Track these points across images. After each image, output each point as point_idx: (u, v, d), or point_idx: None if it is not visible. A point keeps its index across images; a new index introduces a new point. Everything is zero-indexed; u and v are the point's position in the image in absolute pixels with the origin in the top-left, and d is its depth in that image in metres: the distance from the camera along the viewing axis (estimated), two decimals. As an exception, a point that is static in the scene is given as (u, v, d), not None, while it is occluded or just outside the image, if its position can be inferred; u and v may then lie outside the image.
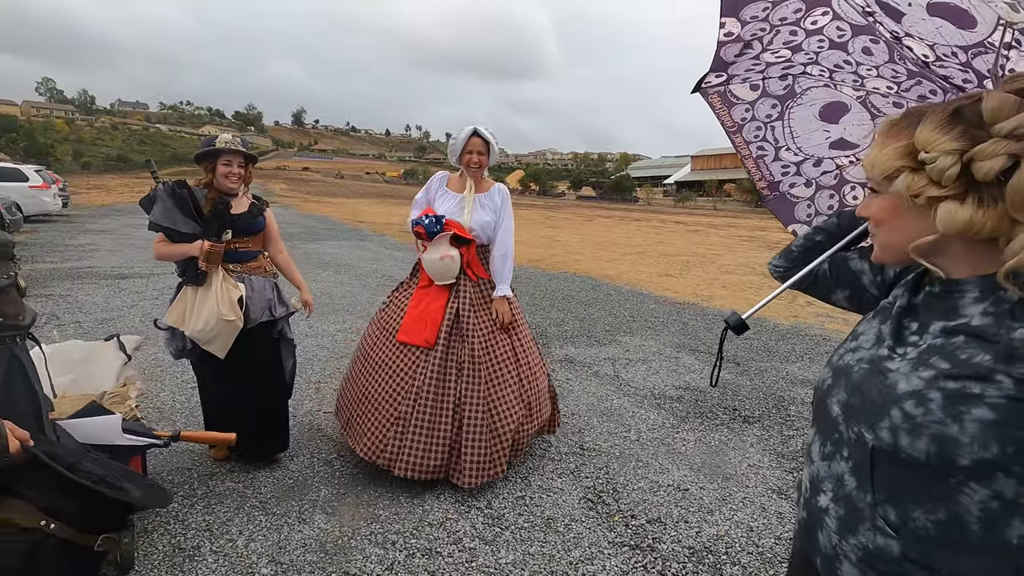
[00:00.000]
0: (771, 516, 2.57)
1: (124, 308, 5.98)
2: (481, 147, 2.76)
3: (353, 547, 2.25)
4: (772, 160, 1.51)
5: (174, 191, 2.62)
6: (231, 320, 2.56)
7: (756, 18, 1.30)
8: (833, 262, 1.14)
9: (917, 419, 0.72)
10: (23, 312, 1.13)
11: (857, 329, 0.93)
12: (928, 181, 0.73)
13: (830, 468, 0.86)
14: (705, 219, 31.69)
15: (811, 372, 4.76)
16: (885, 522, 0.77)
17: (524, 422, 2.73)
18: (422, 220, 2.71)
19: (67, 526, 0.98)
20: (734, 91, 1.42)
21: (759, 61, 1.34)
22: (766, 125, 1.46)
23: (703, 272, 10.65)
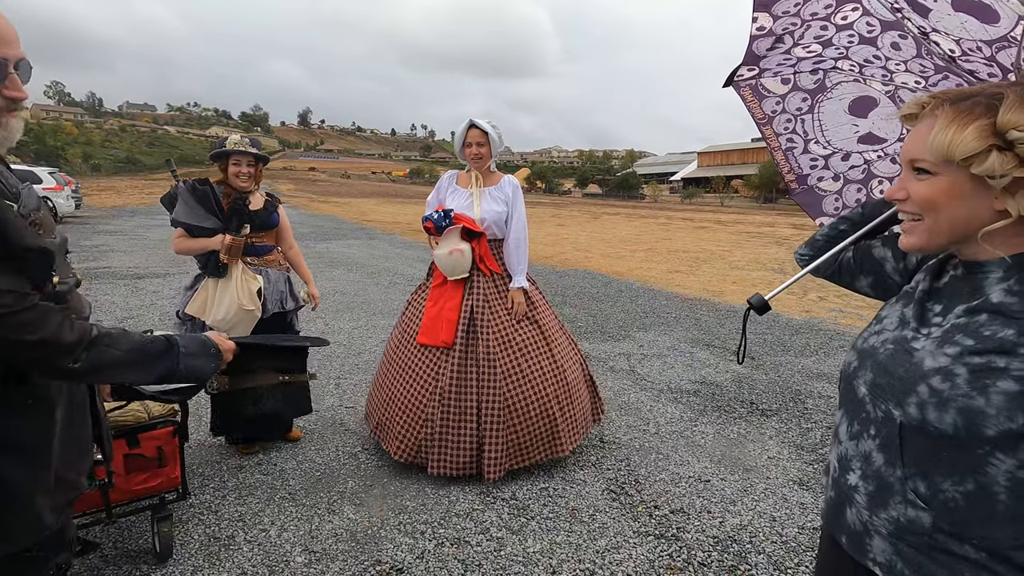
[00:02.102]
0: (793, 506, 2.60)
1: (142, 307, 6.06)
2: (480, 138, 2.77)
3: (383, 536, 2.29)
4: (801, 152, 1.53)
5: (195, 188, 2.71)
6: (250, 310, 2.69)
7: (788, 13, 1.32)
8: (857, 250, 1.16)
9: (944, 393, 0.74)
10: (86, 308, 1.22)
11: (881, 313, 0.95)
12: (1017, 162, 0.73)
13: (858, 447, 0.88)
14: (712, 215, 31.58)
15: (827, 366, 4.77)
16: (916, 495, 0.79)
17: (557, 413, 2.71)
18: (431, 215, 2.75)
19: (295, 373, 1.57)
20: (765, 84, 1.45)
21: (790, 56, 1.36)
22: (796, 118, 1.48)
23: (713, 268, 10.64)
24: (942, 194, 0.80)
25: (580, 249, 13.18)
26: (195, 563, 2.10)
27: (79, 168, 55.49)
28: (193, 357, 1.20)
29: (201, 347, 1.23)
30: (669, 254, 12.81)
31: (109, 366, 1.05)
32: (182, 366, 1.17)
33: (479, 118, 2.82)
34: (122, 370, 1.08)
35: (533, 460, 2.70)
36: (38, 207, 1.07)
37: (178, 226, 2.69)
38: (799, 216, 32.00)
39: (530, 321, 2.81)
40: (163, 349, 1.15)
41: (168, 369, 1.15)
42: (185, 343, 1.20)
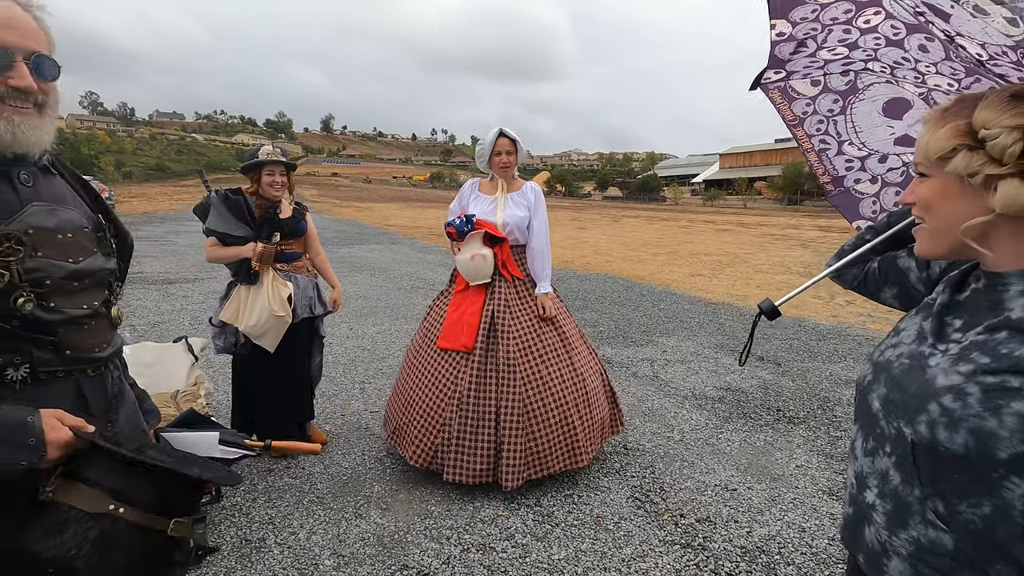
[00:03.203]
0: (823, 517, 2.55)
1: (174, 312, 6.22)
2: (509, 147, 2.83)
3: (409, 541, 2.32)
4: (835, 154, 1.51)
5: (227, 198, 2.79)
6: (281, 316, 2.76)
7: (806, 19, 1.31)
8: (883, 260, 1.14)
9: (955, 413, 0.71)
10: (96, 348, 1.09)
11: (899, 325, 0.93)
12: (987, 159, 0.73)
13: (874, 464, 0.86)
14: (735, 218, 31.15)
15: (855, 373, 4.67)
16: (936, 515, 0.76)
17: (576, 421, 2.71)
18: (453, 221, 2.78)
19: (137, 509, 0.94)
20: (795, 86, 1.43)
21: (816, 58, 1.35)
22: (828, 119, 1.46)
23: (736, 272, 10.50)
24: (935, 195, 0.80)
25: (601, 253, 13.13)
26: (228, 564, 2.15)
27: (112, 175, 57.31)
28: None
29: (10, 432, 0.87)
30: (691, 257, 12.68)
31: None
32: None
33: (498, 124, 2.87)
34: None
35: (552, 470, 2.67)
36: (56, 229, 0.98)
37: (211, 235, 2.77)
38: (825, 218, 31.39)
39: (551, 327, 2.81)
40: None
41: None
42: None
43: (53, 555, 0.89)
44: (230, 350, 2.85)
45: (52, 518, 0.90)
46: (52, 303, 0.96)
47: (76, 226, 1.02)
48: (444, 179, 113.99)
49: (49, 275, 0.95)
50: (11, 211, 0.93)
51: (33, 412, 0.90)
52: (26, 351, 0.94)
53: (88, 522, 0.90)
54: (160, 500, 0.96)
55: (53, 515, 0.90)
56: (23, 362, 0.94)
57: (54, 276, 0.96)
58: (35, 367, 0.95)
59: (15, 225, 0.92)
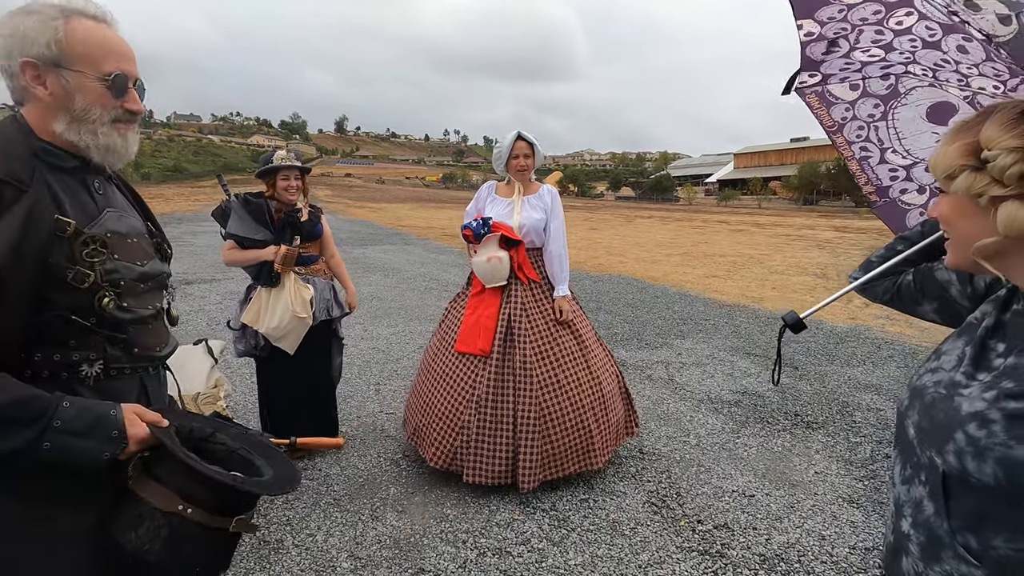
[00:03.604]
0: (843, 525, 2.52)
1: (191, 312, 6.30)
2: (527, 150, 2.84)
3: (425, 545, 2.33)
4: (878, 163, 1.46)
5: (247, 201, 2.83)
6: (303, 318, 2.79)
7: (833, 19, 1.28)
8: (918, 272, 1.09)
9: (981, 442, 0.68)
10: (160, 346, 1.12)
11: (941, 347, 0.88)
12: (990, 180, 0.71)
13: (910, 492, 0.83)
14: (750, 218, 30.84)
15: (875, 377, 4.60)
16: (966, 550, 0.73)
17: (592, 424, 2.71)
18: (470, 223, 2.78)
19: (203, 510, 0.98)
20: (832, 91, 1.40)
21: (852, 60, 1.32)
22: (869, 125, 1.41)
23: (751, 273, 10.39)
24: (951, 211, 0.78)
25: (614, 254, 13.08)
26: (247, 566, 2.17)
27: (131, 177, 58.13)
28: (73, 436, 0.88)
29: (94, 425, 0.90)
30: (705, 258, 12.57)
31: None
32: (47, 444, 0.85)
33: (510, 124, 2.89)
34: None
35: (567, 472, 2.68)
36: (127, 234, 1.05)
37: (230, 238, 2.80)
38: (841, 218, 30.99)
39: (568, 330, 2.81)
40: (22, 417, 0.85)
41: (18, 445, 0.84)
42: (71, 415, 0.88)
43: (132, 548, 0.96)
44: (250, 353, 2.88)
45: (132, 511, 0.97)
46: (125, 303, 1.02)
47: (139, 232, 1.10)
48: (457, 179, 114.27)
49: (123, 277, 1.02)
50: (92, 216, 1.00)
51: (115, 406, 0.95)
52: (101, 348, 1.00)
53: (160, 519, 0.96)
54: (223, 501, 1.01)
55: (133, 508, 0.97)
56: (97, 358, 0.99)
57: (127, 278, 1.02)
58: (108, 364, 1.01)
59: (97, 229, 0.98)
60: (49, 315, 0.93)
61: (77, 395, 0.95)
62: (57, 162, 0.98)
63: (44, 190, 0.93)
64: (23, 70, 0.94)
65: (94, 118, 0.99)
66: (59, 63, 0.95)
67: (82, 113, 0.98)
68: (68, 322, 0.95)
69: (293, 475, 1.11)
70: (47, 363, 0.95)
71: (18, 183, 0.90)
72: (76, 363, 0.97)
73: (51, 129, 0.98)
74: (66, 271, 0.93)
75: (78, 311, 0.95)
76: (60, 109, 0.97)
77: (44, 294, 0.92)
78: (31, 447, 0.85)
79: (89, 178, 1.03)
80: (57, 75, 0.96)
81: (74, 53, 0.96)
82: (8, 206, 0.88)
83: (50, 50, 0.94)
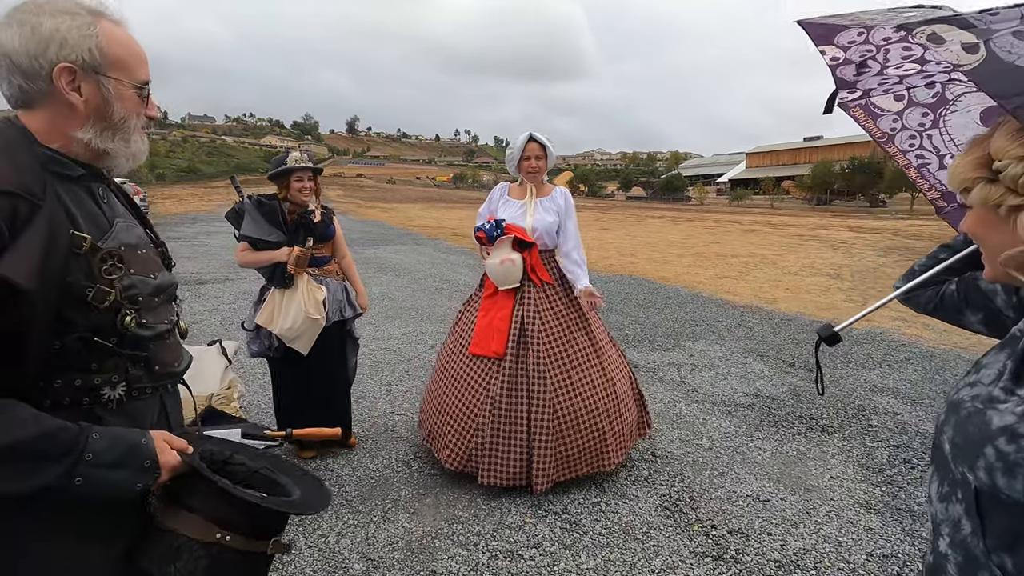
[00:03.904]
0: (860, 531, 2.47)
1: (205, 312, 6.37)
2: (539, 151, 2.83)
3: (437, 547, 2.32)
4: (938, 168, 1.40)
5: (261, 203, 2.84)
6: (316, 319, 2.80)
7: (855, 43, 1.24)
8: (961, 282, 1.05)
9: (1010, 457, 0.66)
10: (179, 361, 1.08)
11: (982, 360, 0.85)
12: (1005, 190, 0.70)
13: (947, 511, 0.80)
14: (762, 218, 30.57)
15: (891, 380, 4.53)
16: (1002, 572, 0.70)
17: (606, 425, 2.70)
18: (483, 226, 2.77)
19: (240, 536, 0.93)
20: (876, 103, 1.35)
21: (887, 75, 1.28)
22: (921, 134, 1.37)
23: (764, 274, 10.29)
24: (976, 224, 0.77)
25: (625, 254, 13.02)
26: (260, 566, 2.18)
27: (146, 177, 58.95)
28: (105, 468, 0.83)
29: (126, 455, 0.86)
30: (717, 259, 12.48)
31: None
32: (79, 478, 0.80)
33: (520, 123, 2.90)
34: None
35: (580, 472, 2.68)
36: (137, 245, 0.98)
37: (243, 240, 2.82)
38: (855, 218, 30.61)
39: (582, 331, 2.80)
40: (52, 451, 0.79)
41: (49, 482, 0.79)
42: (102, 446, 0.83)
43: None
44: (264, 353, 2.90)
45: (166, 544, 0.92)
46: (144, 319, 0.96)
47: (145, 242, 1.03)
48: (467, 179, 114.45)
49: (141, 292, 0.95)
50: (104, 229, 0.93)
51: (145, 434, 0.90)
52: (123, 369, 0.94)
53: (199, 550, 0.92)
54: (259, 524, 0.97)
55: (168, 540, 0.92)
56: (120, 380, 0.94)
57: (144, 292, 0.96)
58: (130, 385, 0.95)
59: (111, 243, 0.92)
60: (70, 338, 0.87)
61: (100, 421, 0.90)
62: (64, 171, 0.91)
63: (57, 203, 0.86)
64: (58, 75, 0.87)
65: (130, 126, 0.96)
66: (98, 70, 0.91)
67: (121, 122, 0.94)
68: (89, 344, 0.88)
69: (323, 490, 1.08)
70: (68, 390, 0.88)
71: (32, 197, 0.83)
72: (98, 387, 0.91)
73: (70, 136, 0.91)
74: (86, 290, 0.86)
75: (100, 332, 0.89)
76: (92, 116, 0.92)
77: (65, 316, 0.85)
78: (62, 483, 0.79)
79: (94, 186, 0.98)
80: (95, 82, 0.91)
81: (114, 59, 0.92)
82: (25, 223, 0.80)
83: (92, 56, 0.89)
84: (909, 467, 3.07)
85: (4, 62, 0.87)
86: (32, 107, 0.90)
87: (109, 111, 0.93)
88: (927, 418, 3.75)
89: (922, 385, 4.43)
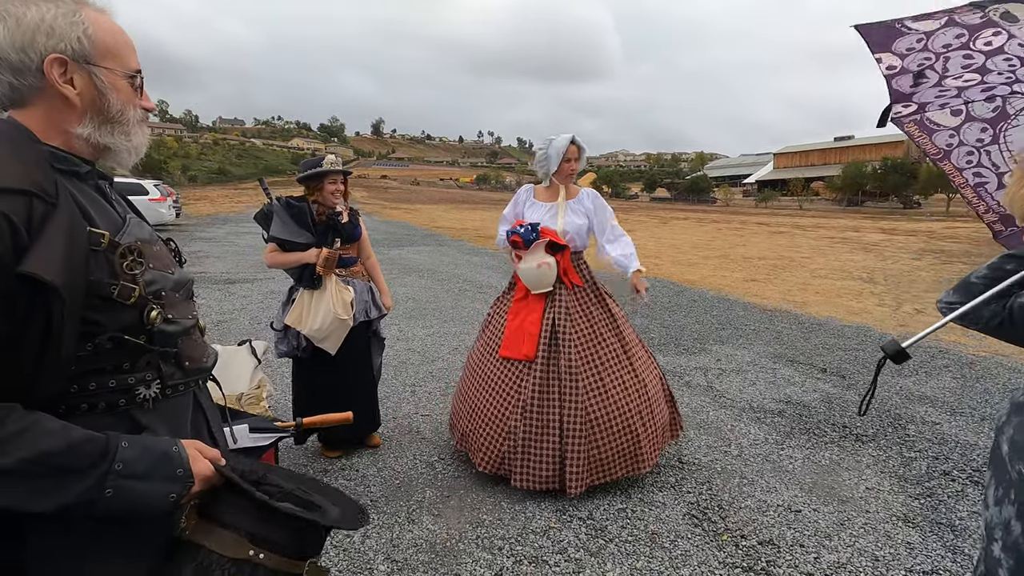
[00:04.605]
0: (898, 546, 2.38)
1: (234, 311, 6.49)
2: (577, 154, 2.83)
3: (461, 550, 2.31)
4: (996, 188, 1.33)
5: (289, 205, 2.88)
6: (344, 319, 2.83)
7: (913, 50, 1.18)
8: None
9: None
10: (206, 358, 1.06)
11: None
12: None
13: (1001, 513, 0.79)
14: (790, 220, 29.93)
15: (929, 388, 4.37)
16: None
17: (639, 428, 2.68)
18: (517, 229, 2.76)
19: (275, 554, 0.88)
20: (932, 118, 1.30)
21: (946, 87, 1.23)
22: (979, 150, 1.30)
23: (793, 277, 10.06)
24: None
25: (649, 256, 12.87)
26: (287, 564, 2.20)
27: (178, 179, 60.53)
28: (136, 479, 0.80)
29: (157, 464, 0.82)
30: (744, 261, 12.25)
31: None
32: (109, 490, 0.77)
33: (543, 124, 2.90)
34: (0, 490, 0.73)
35: (613, 476, 2.66)
36: (151, 240, 0.95)
37: (272, 241, 2.86)
38: (888, 220, 29.77)
39: (612, 333, 2.78)
40: (79, 464, 0.76)
41: (78, 497, 0.75)
42: (132, 455, 0.80)
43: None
44: (292, 354, 2.93)
45: (197, 561, 0.87)
46: (170, 315, 0.93)
47: (156, 237, 0.99)
48: (490, 181, 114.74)
49: (162, 287, 0.92)
50: (118, 225, 0.90)
51: (175, 442, 0.87)
52: (155, 367, 0.92)
53: (231, 567, 0.87)
54: (296, 543, 0.92)
55: (198, 558, 0.87)
56: (154, 379, 0.91)
57: (165, 287, 0.93)
58: (164, 383, 0.93)
59: (127, 238, 0.89)
60: (101, 339, 0.84)
61: (137, 423, 0.88)
62: (72, 168, 0.88)
63: (70, 201, 0.83)
64: (49, 67, 0.83)
65: (128, 118, 0.92)
66: (89, 59, 0.86)
67: (118, 114, 0.91)
68: (121, 344, 0.86)
69: (358, 509, 1.02)
70: (103, 393, 0.86)
71: (46, 195, 0.79)
72: (132, 387, 0.88)
73: (69, 132, 0.88)
74: (110, 288, 0.84)
75: (129, 330, 0.87)
76: (89, 110, 0.88)
77: (92, 317, 0.83)
78: (92, 495, 0.76)
79: (102, 183, 0.95)
80: (87, 73, 0.87)
81: (104, 48, 0.88)
82: (43, 222, 0.77)
83: (81, 45, 0.85)
84: (949, 479, 2.96)
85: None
86: (25, 105, 0.86)
87: (105, 103, 0.89)
88: (968, 429, 3.61)
89: (961, 394, 4.26)
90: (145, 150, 0.98)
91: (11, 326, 0.75)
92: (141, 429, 0.89)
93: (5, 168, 0.77)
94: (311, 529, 0.92)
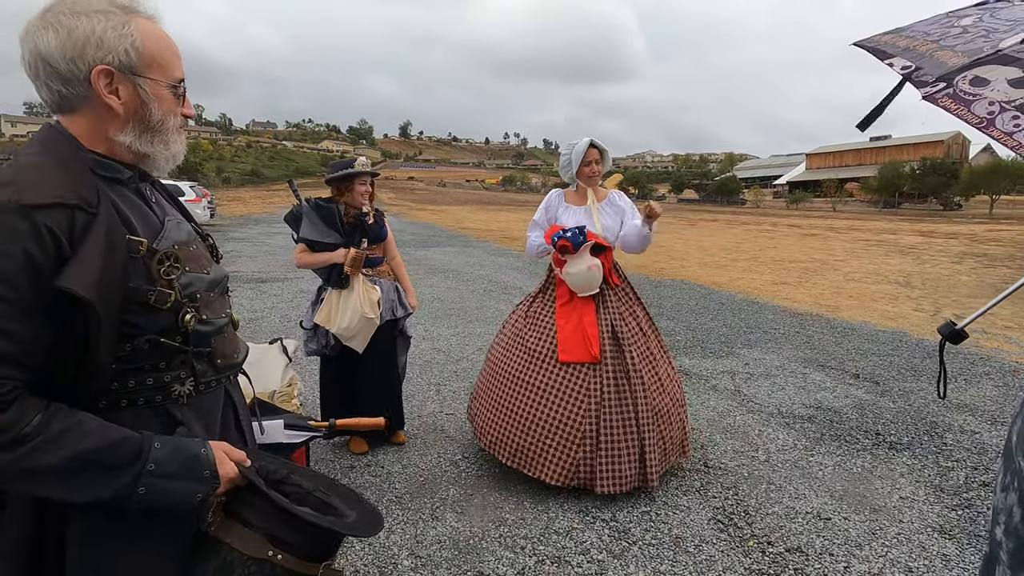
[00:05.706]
0: (934, 557, 2.31)
1: (265, 310, 6.65)
2: (598, 157, 2.85)
3: (484, 548, 2.33)
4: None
5: (318, 206, 2.95)
6: (371, 318, 2.89)
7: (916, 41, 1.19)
8: None
9: None
10: (238, 353, 1.10)
11: None
12: None
13: (1006, 499, 0.82)
14: (823, 221, 29.19)
15: (968, 395, 4.22)
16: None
17: (684, 416, 2.87)
18: (563, 234, 2.69)
19: (292, 556, 0.91)
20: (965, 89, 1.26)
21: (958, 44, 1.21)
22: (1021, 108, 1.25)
23: (825, 280, 9.82)
24: None
25: (676, 258, 12.72)
26: (314, 556, 2.25)
27: (213, 181, 62.26)
28: (167, 478, 0.84)
29: (186, 465, 0.87)
30: (774, 264, 12.00)
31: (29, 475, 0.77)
32: (142, 488, 0.82)
33: (568, 126, 2.92)
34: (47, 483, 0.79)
35: (671, 463, 2.83)
36: (188, 241, 0.98)
37: (302, 242, 2.94)
38: (927, 222, 28.78)
39: (651, 328, 2.90)
40: (116, 462, 0.81)
41: (114, 492, 0.81)
42: (163, 456, 0.85)
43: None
44: (320, 352, 3.01)
45: (220, 557, 0.90)
46: (204, 316, 0.96)
47: (194, 237, 1.03)
48: (516, 182, 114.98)
49: (198, 289, 0.95)
50: (156, 230, 0.93)
51: (204, 444, 0.90)
52: (189, 365, 0.95)
53: (251, 566, 0.90)
54: (312, 546, 0.95)
55: (221, 553, 0.90)
56: (188, 376, 0.95)
57: (200, 289, 0.96)
58: (198, 380, 0.97)
59: (165, 243, 0.92)
60: (138, 340, 0.87)
61: (172, 418, 0.93)
62: (113, 175, 0.91)
63: (111, 209, 0.85)
64: (96, 78, 0.85)
65: (168, 127, 0.95)
66: (135, 71, 0.89)
67: (159, 124, 0.93)
68: (157, 345, 0.89)
69: (375, 514, 1.05)
70: (142, 390, 0.90)
71: (88, 206, 0.82)
72: (168, 384, 0.92)
73: (112, 139, 0.91)
74: (147, 294, 0.87)
75: (165, 333, 0.90)
76: (131, 119, 0.91)
77: (130, 321, 0.86)
78: (127, 491, 0.81)
79: (143, 187, 0.98)
80: (132, 83, 0.89)
81: (150, 58, 0.90)
82: (84, 233, 0.80)
83: (128, 56, 0.87)
84: (989, 491, 2.85)
85: (42, 67, 0.85)
86: (72, 112, 0.89)
87: (147, 113, 0.92)
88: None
89: (1003, 403, 4.10)
90: (183, 157, 1.00)
91: (55, 333, 0.80)
92: (177, 422, 0.94)
93: (50, 181, 0.81)
94: (328, 534, 0.95)
